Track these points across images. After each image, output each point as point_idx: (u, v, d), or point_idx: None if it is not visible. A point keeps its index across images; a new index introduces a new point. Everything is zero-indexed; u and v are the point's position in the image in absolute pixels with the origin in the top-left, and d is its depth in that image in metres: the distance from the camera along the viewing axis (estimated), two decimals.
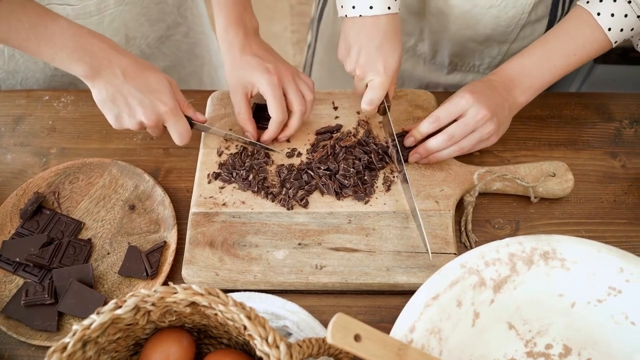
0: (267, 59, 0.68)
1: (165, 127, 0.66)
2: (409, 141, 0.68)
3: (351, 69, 0.68)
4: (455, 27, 0.82)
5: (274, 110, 0.67)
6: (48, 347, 0.58)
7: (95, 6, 0.77)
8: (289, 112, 0.68)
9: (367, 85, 0.67)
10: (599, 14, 0.63)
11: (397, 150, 0.67)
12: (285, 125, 0.69)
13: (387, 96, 0.68)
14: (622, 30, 0.63)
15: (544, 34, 0.68)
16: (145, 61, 0.65)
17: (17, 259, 0.62)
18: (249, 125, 0.70)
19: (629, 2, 0.62)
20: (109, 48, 0.62)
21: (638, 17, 0.62)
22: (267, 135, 0.69)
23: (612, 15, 0.62)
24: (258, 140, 0.71)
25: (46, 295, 0.59)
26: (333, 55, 0.97)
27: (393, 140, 0.68)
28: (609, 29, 0.63)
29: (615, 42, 0.64)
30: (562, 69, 0.66)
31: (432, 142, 0.66)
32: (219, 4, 0.68)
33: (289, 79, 0.67)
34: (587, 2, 0.64)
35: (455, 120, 0.65)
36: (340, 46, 0.68)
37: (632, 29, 0.63)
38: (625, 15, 0.62)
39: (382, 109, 0.70)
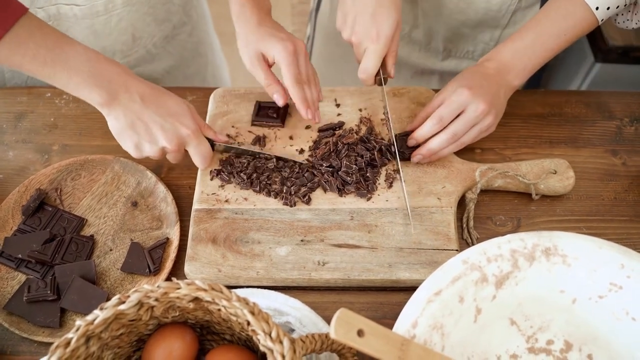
0: (284, 32, 0.68)
1: (185, 151, 0.66)
2: (411, 142, 0.68)
3: (347, 37, 0.67)
4: (447, 12, 0.83)
5: (286, 73, 0.66)
6: (50, 344, 0.58)
7: (103, 6, 0.77)
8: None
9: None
10: None
11: (390, 128, 0.67)
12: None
13: (384, 66, 0.68)
14: (608, 8, 0.64)
15: (535, 15, 0.69)
16: (159, 86, 0.65)
17: (19, 256, 0.62)
18: (276, 87, 0.68)
19: None
20: (125, 74, 0.62)
21: None
22: (282, 98, 0.68)
23: None
24: (258, 111, 0.71)
25: (49, 292, 0.59)
26: (331, 47, 0.97)
27: (386, 112, 0.68)
28: (597, 8, 0.64)
29: (602, 19, 0.66)
30: (554, 50, 0.67)
31: (435, 142, 0.66)
32: None
33: (302, 51, 0.67)
34: None
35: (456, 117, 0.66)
36: (338, 15, 0.68)
37: (617, 7, 0.64)
38: None
39: (379, 80, 0.69)
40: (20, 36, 0.56)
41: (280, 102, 0.68)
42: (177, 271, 0.64)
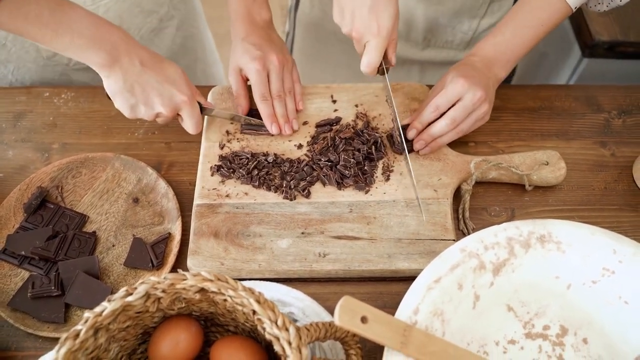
0: (263, 48, 0.72)
1: (175, 116, 0.69)
2: (411, 133, 0.70)
3: (347, 32, 0.68)
4: (427, 2, 0.85)
5: (254, 90, 0.73)
6: (55, 339, 0.59)
7: None
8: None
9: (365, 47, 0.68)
10: None
11: (401, 135, 0.68)
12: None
13: (386, 56, 0.69)
14: None
15: (512, 9, 0.71)
16: (157, 53, 0.66)
17: (23, 252, 0.63)
18: (242, 100, 0.75)
19: None
20: (127, 37, 0.63)
21: None
22: (242, 110, 0.75)
23: None
24: (249, 114, 0.75)
25: (53, 287, 0.60)
26: (312, 42, 0.98)
27: (390, 101, 0.70)
28: None
29: (575, 7, 0.68)
30: (534, 40, 0.70)
31: (436, 128, 0.68)
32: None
33: (275, 67, 0.72)
34: None
35: (452, 105, 0.67)
36: (335, 9, 0.69)
37: None
38: None
39: (381, 70, 0.70)
40: None
41: (240, 113, 0.75)
42: (179, 265, 0.64)
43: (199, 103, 0.70)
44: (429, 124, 0.69)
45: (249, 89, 0.75)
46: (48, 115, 0.78)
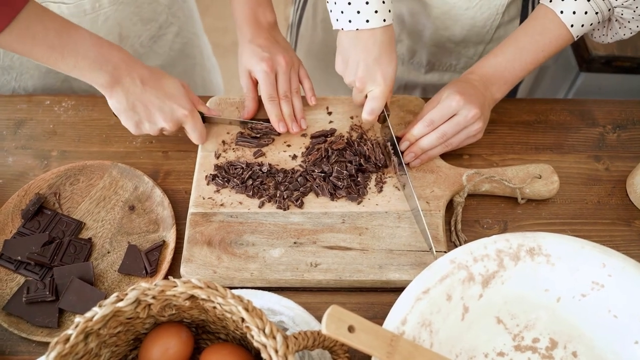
0: (270, 50, 0.74)
1: (180, 128, 0.71)
2: (403, 145, 0.71)
3: (350, 82, 0.70)
4: (433, 28, 0.86)
5: (262, 90, 0.74)
6: (49, 343, 0.59)
7: (90, 4, 0.79)
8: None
9: (366, 96, 0.70)
10: (562, 12, 0.67)
11: (399, 156, 0.69)
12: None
13: (385, 104, 0.71)
14: (582, 25, 0.67)
15: (514, 31, 0.72)
16: (157, 69, 0.68)
17: (19, 258, 0.64)
18: (249, 102, 0.76)
19: (588, 0, 0.66)
20: (127, 58, 0.65)
21: (596, 13, 0.66)
22: (248, 111, 0.76)
23: (574, 13, 0.66)
24: (253, 118, 0.76)
25: (47, 293, 0.61)
26: (312, 60, 1.00)
27: (394, 147, 0.70)
28: (572, 25, 0.67)
29: (577, 36, 0.69)
30: (533, 65, 0.71)
31: (425, 141, 0.69)
32: (235, 1, 0.76)
33: (282, 68, 0.74)
34: (550, 1, 0.68)
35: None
36: (338, 59, 0.71)
37: (591, 24, 0.68)
38: (585, 12, 0.66)
39: (382, 117, 0.72)
40: (30, 19, 0.58)
41: (245, 115, 0.76)
42: (173, 273, 0.65)
43: (201, 113, 0.71)
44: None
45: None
46: (48, 123, 0.79)
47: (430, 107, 0.70)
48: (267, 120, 0.75)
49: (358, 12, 0.64)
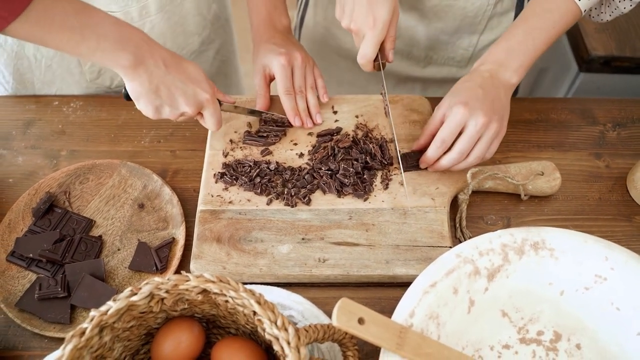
0: (287, 47, 0.75)
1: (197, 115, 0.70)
2: (423, 166, 0.71)
3: (347, 25, 0.70)
4: (427, 21, 0.87)
5: (278, 84, 0.75)
6: (61, 339, 0.60)
7: (137, 12, 0.79)
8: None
9: None
10: None
11: (389, 114, 0.70)
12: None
13: (383, 51, 0.70)
14: None
15: (521, 13, 0.71)
16: (176, 53, 0.67)
17: (31, 255, 0.65)
18: (261, 99, 0.78)
19: None
20: (148, 39, 0.63)
21: None
22: (260, 104, 0.78)
23: None
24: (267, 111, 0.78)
25: (59, 289, 0.62)
26: (315, 60, 1.02)
27: (385, 96, 0.72)
28: None
29: (584, 10, 0.68)
30: (546, 44, 0.69)
31: (445, 161, 0.67)
32: (251, 3, 0.77)
33: (298, 64, 0.75)
34: None
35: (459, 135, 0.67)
36: (337, 6, 0.71)
37: None
38: None
39: (378, 65, 0.71)
40: (47, 1, 0.56)
41: (258, 108, 0.78)
42: (183, 269, 0.66)
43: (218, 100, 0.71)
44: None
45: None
46: (57, 123, 0.80)
47: (439, 114, 0.68)
48: None
49: None
